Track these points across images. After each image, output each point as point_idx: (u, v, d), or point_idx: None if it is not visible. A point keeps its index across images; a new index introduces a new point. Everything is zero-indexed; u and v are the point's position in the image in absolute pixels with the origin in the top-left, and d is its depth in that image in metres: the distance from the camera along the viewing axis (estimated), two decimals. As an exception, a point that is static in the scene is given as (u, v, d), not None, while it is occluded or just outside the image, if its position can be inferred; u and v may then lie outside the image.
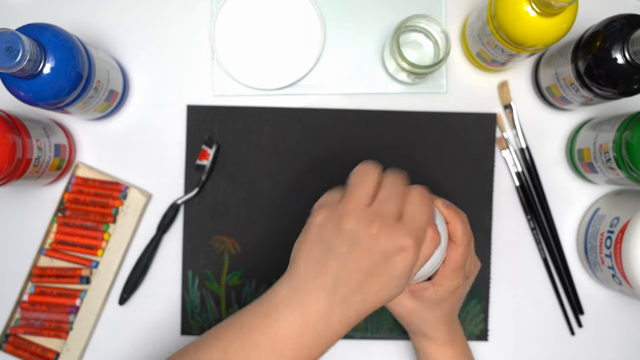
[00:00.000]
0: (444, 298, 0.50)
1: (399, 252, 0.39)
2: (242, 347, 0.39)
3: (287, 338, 0.39)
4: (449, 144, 0.65)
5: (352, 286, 0.39)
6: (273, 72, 0.64)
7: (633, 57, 0.49)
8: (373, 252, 0.39)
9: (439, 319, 0.53)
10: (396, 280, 0.40)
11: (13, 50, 0.46)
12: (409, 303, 0.52)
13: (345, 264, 0.39)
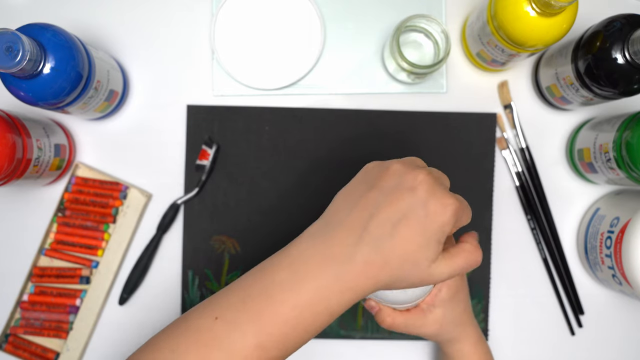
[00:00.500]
0: (457, 289, 0.50)
1: (440, 206, 0.38)
2: (263, 277, 0.39)
3: (308, 263, 0.38)
4: (449, 144, 0.65)
5: (387, 228, 0.37)
6: (273, 72, 0.64)
7: (633, 57, 0.49)
8: (416, 197, 0.38)
9: (462, 314, 0.52)
10: (429, 234, 0.38)
11: (13, 50, 0.46)
12: (435, 314, 0.50)
13: (386, 199, 0.38)
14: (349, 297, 0.38)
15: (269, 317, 0.37)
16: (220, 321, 0.38)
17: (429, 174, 0.39)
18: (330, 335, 0.65)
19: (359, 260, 0.37)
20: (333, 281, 0.37)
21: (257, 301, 0.38)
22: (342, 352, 0.65)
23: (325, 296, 0.37)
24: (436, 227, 0.38)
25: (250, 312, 0.37)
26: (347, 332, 0.65)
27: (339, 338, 0.65)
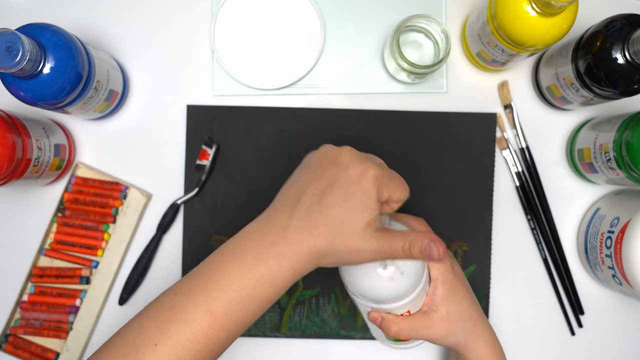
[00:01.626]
0: (452, 283, 0.50)
1: (360, 169, 0.42)
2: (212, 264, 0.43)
3: (250, 237, 0.43)
4: (449, 144, 0.65)
5: (315, 198, 0.42)
6: (273, 72, 0.64)
7: (633, 57, 0.49)
8: (338, 165, 0.43)
9: (470, 310, 0.51)
10: (352, 198, 0.41)
11: (13, 50, 0.46)
12: (439, 313, 0.49)
13: (314, 174, 0.43)
14: (288, 265, 0.41)
15: (217, 285, 0.41)
16: (179, 296, 0.43)
17: (352, 149, 0.43)
18: (330, 335, 0.65)
19: (292, 228, 0.41)
20: (270, 247, 0.41)
21: (210, 274, 0.42)
22: (342, 352, 0.65)
23: (264, 262, 0.41)
24: (358, 190, 0.41)
25: (202, 284, 0.42)
26: (347, 332, 0.65)
27: (339, 338, 0.65)
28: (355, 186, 0.42)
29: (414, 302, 0.48)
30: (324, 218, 0.41)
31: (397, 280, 0.46)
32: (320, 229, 0.41)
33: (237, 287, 0.41)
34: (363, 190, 0.41)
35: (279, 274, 0.41)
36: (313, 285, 0.65)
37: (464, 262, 0.65)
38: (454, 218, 0.65)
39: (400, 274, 0.45)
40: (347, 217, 0.41)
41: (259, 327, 0.64)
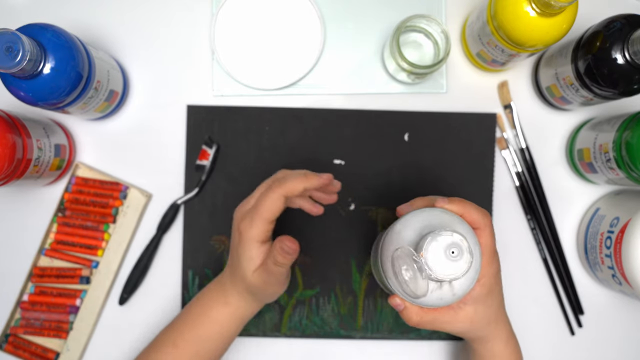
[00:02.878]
0: (491, 287, 0.49)
1: (237, 234, 0.53)
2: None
3: (211, 294, 0.55)
4: (449, 144, 0.65)
5: (230, 259, 0.54)
6: (273, 72, 0.64)
7: (633, 57, 0.49)
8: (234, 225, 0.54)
9: (497, 312, 0.51)
10: (236, 248, 0.52)
11: (13, 50, 0.46)
12: (466, 311, 0.49)
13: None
14: (230, 310, 0.54)
15: (183, 321, 0.55)
16: (164, 330, 0.57)
17: (238, 208, 0.54)
18: (330, 335, 0.65)
19: (227, 282, 0.54)
20: (217, 297, 0.54)
21: (185, 313, 0.56)
22: (342, 352, 0.65)
23: (211, 306, 0.54)
24: (239, 249, 0.52)
25: (180, 317, 0.56)
26: (347, 332, 0.65)
27: (339, 338, 0.65)
28: (239, 247, 0.52)
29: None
30: (236, 277, 0.53)
31: (443, 298, 0.43)
32: (238, 284, 0.53)
33: (193, 331, 0.54)
34: (245, 249, 0.51)
35: (223, 317, 0.54)
36: (313, 285, 0.65)
37: (463, 262, 0.65)
38: (454, 218, 0.65)
39: (450, 290, 0.43)
40: (242, 272, 0.52)
41: (259, 327, 0.64)
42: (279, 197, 0.50)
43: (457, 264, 0.40)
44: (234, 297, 0.53)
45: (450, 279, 0.40)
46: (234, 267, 0.53)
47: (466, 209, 0.47)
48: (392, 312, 0.65)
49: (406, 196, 0.65)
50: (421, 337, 0.65)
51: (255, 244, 0.51)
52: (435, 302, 0.44)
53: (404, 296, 0.44)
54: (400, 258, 0.41)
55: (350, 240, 0.65)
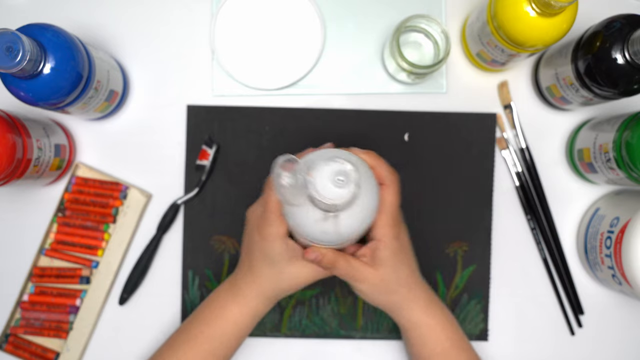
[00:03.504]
0: (395, 250, 0.51)
1: (256, 230, 0.52)
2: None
3: (225, 295, 0.55)
4: (449, 144, 0.65)
5: (247, 258, 0.54)
6: (273, 72, 0.64)
7: (633, 57, 0.49)
8: (248, 228, 0.54)
9: (407, 277, 0.52)
10: (264, 252, 0.51)
11: (13, 50, 0.46)
12: (372, 274, 0.51)
13: (244, 239, 0.55)
14: (245, 308, 0.53)
15: (198, 318, 0.55)
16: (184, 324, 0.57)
17: (252, 209, 0.54)
18: (330, 335, 0.65)
19: (244, 281, 0.54)
20: (233, 296, 0.54)
21: (200, 309, 0.56)
22: (342, 352, 0.65)
23: (227, 306, 0.54)
24: (259, 243, 0.51)
25: (194, 314, 0.56)
26: (347, 332, 0.65)
27: (339, 338, 0.65)
28: (262, 248, 0.51)
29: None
30: (257, 275, 0.52)
31: (328, 223, 0.44)
32: (259, 282, 0.52)
33: (209, 329, 0.54)
34: (272, 248, 0.50)
35: (239, 315, 0.53)
36: (313, 285, 0.64)
37: (464, 262, 0.65)
38: (454, 218, 0.65)
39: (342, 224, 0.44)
40: (278, 272, 0.51)
41: (259, 327, 0.64)
42: None
43: (340, 191, 0.40)
44: (249, 297, 0.53)
45: (330, 202, 0.40)
46: (255, 266, 0.52)
47: (377, 162, 0.50)
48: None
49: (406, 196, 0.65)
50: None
51: (279, 239, 0.50)
52: (319, 236, 0.45)
53: (284, 201, 0.44)
54: (286, 167, 0.41)
55: (350, 240, 0.65)
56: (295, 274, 0.52)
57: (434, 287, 0.65)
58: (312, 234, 0.45)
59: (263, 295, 0.53)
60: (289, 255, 0.51)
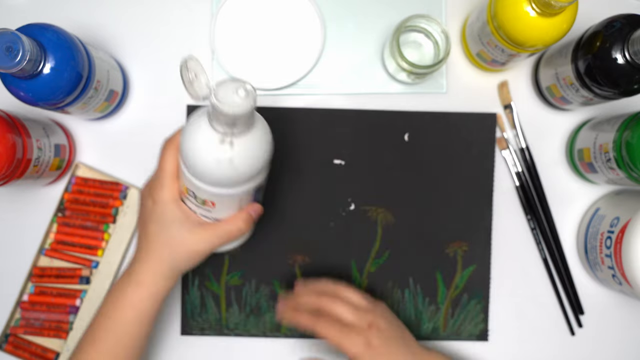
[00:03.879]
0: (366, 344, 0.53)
1: (149, 197, 0.51)
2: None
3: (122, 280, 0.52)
4: (449, 144, 0.65)
5: (141, 236, 0.52)
6: (273, 72, 0.64)
7: (633, 57, 0.49)
8: (142, 208, 0.52)
9: (406, 354, 0.55)
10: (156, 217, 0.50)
11: (13, 50, 0.46)
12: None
13: (137, 221, 0.53)
14: (144, 290, 0.50)
15: (97, 316, 0.52)
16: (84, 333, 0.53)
17: (144, 186, 0.53)
18: (330, 335, 0.65)
19: (138, 262, 0.51)
20: (128, 281, 0.51)
21: (99, 309, 0.52)
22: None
23: (125, 292, 0.51)
24: (153, 211, 0.50)
25: (94, 316, 0.53)
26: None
27: (339, 338, 0.65)
28: (155, 213, 0.50)
29: (245, 197, 0.48)
30: (152, 249, 0.50)
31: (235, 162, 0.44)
32: (156, 255, 0.50)
33: (110, 321, 0.51)
34: (164, 212, 0.49)
35: (138, 299, 0.50)
36: (313, 285, 0.65)
37: (464, 262, 0.65)
38: (454, 218, 0.65)
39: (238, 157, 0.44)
40: (170, 237, 0.50)
41: (259, 327, 0.64)
42: (174, 152, 0.50)
43: (240, 101, 0.42)
44: (145, 275, 0.51)
45: (229, 110, 0.41)
46: (150, 242, 0.50)
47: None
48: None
49: (406, 196, 0.65)
50: (420, 337, 0.65)
51: (173, 202, 0.49)
52: (213, 167, 0.43)
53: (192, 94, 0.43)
54: (193, 62, 0.42)
55: (350, 240, 0.65)
56: (191, 241, 0.50)
57: (434, 287, 0.65)
58: (206, 165, 0.43)
59: (160, 273, 0.51)
60: (184, 219, 0.49)
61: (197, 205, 0.49)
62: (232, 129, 0.43)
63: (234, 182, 0.46)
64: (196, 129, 0.44)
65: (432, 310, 0.65)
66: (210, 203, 0.47)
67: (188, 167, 0.45)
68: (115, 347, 0.51)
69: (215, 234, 0.50)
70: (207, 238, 0.50)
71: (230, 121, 0.42)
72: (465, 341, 0.65)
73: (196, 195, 0.47)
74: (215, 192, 0.46)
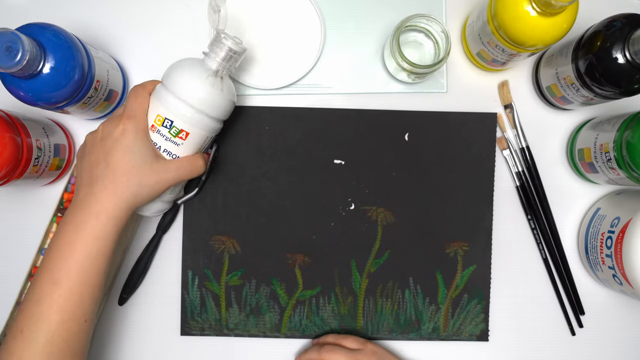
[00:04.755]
0: None
1: (112, 126, 0.52)
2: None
3: (65, 221, 0.51)
4: (450, 144, 0.65)
5: (100, 166, 0.51)
6: (273, 72, 0.64)
7: (633, 56, 0.49)
8: (95, 138, 0.53)
9: None
10: (125, 146, 0.51)
11: (13, 50, 0.46)
12: None
13: (89, 156, 0.53)
14: (105, 217, 0.50)
15: (52, 260, 0.49)
16: (31, 285, 0.50)
17: (106, 123, 0.53)
18: (330, 336, 0.65)
19: (97, 192, 0.50)
20: (85, 215, 0.50)
21: (46, 257, 0.50)
22: (342, 352, 0.65)
23: (84, 225, 0.49)
24: (126, 140, 0.51)
25: (42, 267, 0.50)
26: (347, 332, 0.65)
27: (339, 338, 0.65)
28: (117, 139, 0.51)
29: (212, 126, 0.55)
30: (117, 172, 0.51)
31: (224, 92, 0.54)
32: (121, 179, 0.51)
33: (70, 256, 0.49)
34: (123, 135, 0.51)
35: (101, 228, 0.50)
36: (313, 285, 0.65)
37: (464, 262, 0.65)
38: (454, 218, 0.65)
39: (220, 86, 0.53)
40: (134, 161, 0.51)
41: (259, 327, 0.64)
42: (145, 94, 0.54)
43: (239, 43, 0.53)
44: (108, 203, 0.50)
45: (237, 47, 0.53)
46: (117, 169, 0.51)
47: None
48: (392, 312, 0.65)
49: (406, 196, 0.65)
50: (421, 337, 0.65)
51: (145, 134, 0.52)
52: (207, 92, 0.52)
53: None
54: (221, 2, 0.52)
55: (350, 240, 0.64)
56: (159, 169, 0.52)
57: (435, 287, 0.65)
58: (201, 90, 0.52)
59: (124, 200, 0.51)
60: (151, 149, 0.52)
61: (166, 139, 0.53)
62: (226, 64, 0.53)
63: (218, 111, 0.54)
64: (193, 63, 0.53)
65: (433, 310, 0.65)
66: (185, 134, 0.53)
67: (178, 94, 0.52)
68: (83, 285, 0.49)
69: (180, 165, 0.54)
70: (173, 168, 0.53)
71: (228, 56, 0.53)
72: (465, 341, 0.65)
73: (174, 124, 0.53)
74: (198, 118, 0.53)
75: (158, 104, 0.53)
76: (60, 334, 0.48)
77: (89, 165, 0.52)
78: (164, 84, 0.53)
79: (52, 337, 0.48)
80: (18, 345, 0.47)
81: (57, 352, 0.48)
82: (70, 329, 0.48)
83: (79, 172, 0.53)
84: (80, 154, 0.54)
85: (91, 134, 0.54)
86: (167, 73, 0.54)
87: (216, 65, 0.53)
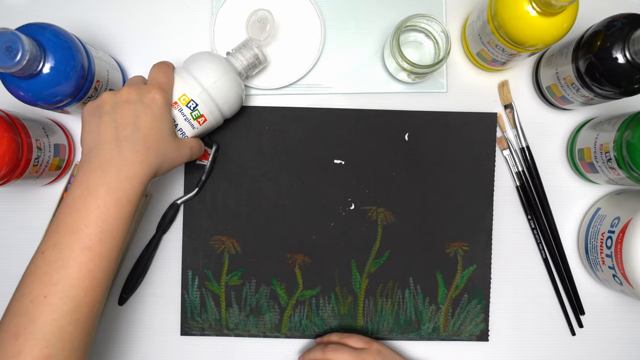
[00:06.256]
0: None
1: (149, 96, 0.51)
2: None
3: (91, 176, 0.49)
4: (450, 144, 0.65)
5: (130, 129, 0.50)
6: (273, 72, 0.64)
7: (634, 56, 0.49)
8: (131, 101, 0.51)
9: None
10: (158, 116, 0.51)
11: (13, 49, 0.46)
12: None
13: (116, 115, 0.50)
14: (137, 182, 0.49)
15: (82, 224, 0.47)
16: (48, 251, 0.47)
17: (128, 86, 0.52)
18: (330, 336, 0.65)
19: (128, 155, 0.49)
20: (117, 175, 0.48)
21: (69, 218, 0.47)
22: (342, 352, 0.65)
23: (118, 189, 0.48)
24: (158, 109, 0.51)
25: (65, 230, 0.47)
26: (347, 332, 0.65)
27: (339, 338, 0.65)
28: (154, 108, 0.51)
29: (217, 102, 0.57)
30: (149, 139, 0.50)
31: (243, 91, 0.59)
32: (152, 147, 0.50)
33: (101, 218, 0.47)
34: (161, 108, 0.51)
35: (133, 192, 0.49)
36: (313, 285, 0.65)
37: (464, 262, 0.65)
38: (454, 218, 0.65)
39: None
40: (163, 130, 0.51)
41: (259, 327, 0.64)
42: (171, 72, 0.55)
43: (265, 55, 0.60)
44: (139, 169, 0.50)
45: (260, 55, 0.59)
46: (148, 135, 0.50)
47: None
48: (392, 312, 0.65)
49: (406, 196, 0.65)
50: (421, 337, 0.65)
51: (170, 108, 0.53)
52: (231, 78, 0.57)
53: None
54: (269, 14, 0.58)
55: (350, 240, 0.64)
56: (179, 144, 0.54)
57: (435, 287, 0.65)
58: (227, 87, 0.56)
59: (153, 168, 0.50)
60: (172, 124, 0.53)
61: (185, 119, 0.55)
62: (248, 69, 0.59)
63: (230, 110, 0.58)
64: (221, 59, 0.57)
65: (433, 310, 0.65)
66: (203, 120, 0.56)
67: (205, 82, 0.55)
68: (111, 251, 0.48)
69: (194, 146, 0.56)
70: (188, 146, 0.55)
71: (253, 62, 0.59)
72: (465, 341, 0.65)
73: (197, 107, 0.55)
74: (216, 110, 0.56)
75: (184, 84, 0.54)
76: (87, 301, 0.47)
77: (113, 124, 0.50)
78: (190, 70, 0.55)
79: (80, 304, 0.46)
80: (42, 311, 0.46)
81: (83, 320, 0.47)
82: (95, 296, 0.47)
83: (93, 128, 0.50)
84: (92, 111, 0.51)
85: (112, 93, 0.51)
86: (194, 60, 0.56)
87: (242, 67, 0.58)
